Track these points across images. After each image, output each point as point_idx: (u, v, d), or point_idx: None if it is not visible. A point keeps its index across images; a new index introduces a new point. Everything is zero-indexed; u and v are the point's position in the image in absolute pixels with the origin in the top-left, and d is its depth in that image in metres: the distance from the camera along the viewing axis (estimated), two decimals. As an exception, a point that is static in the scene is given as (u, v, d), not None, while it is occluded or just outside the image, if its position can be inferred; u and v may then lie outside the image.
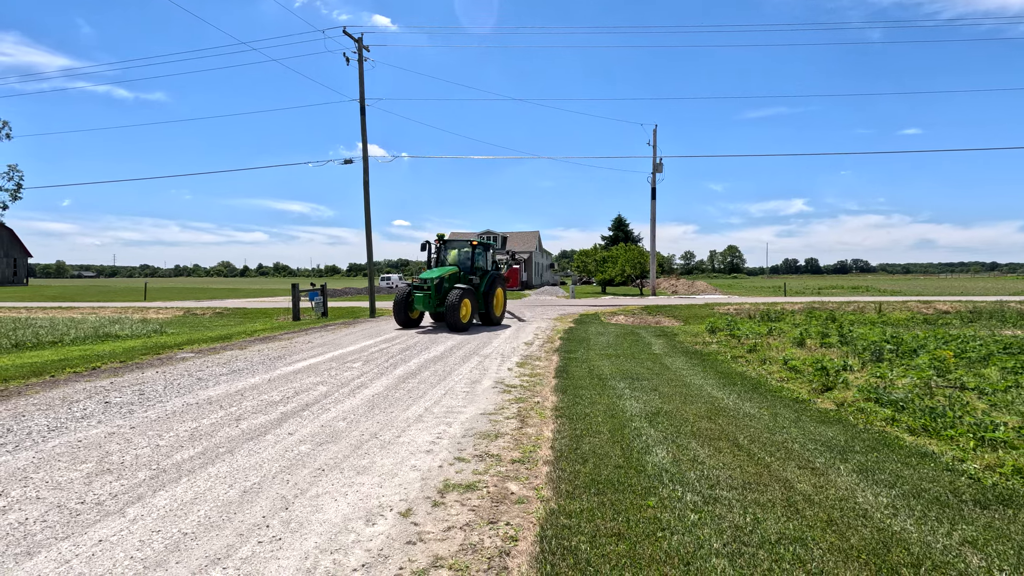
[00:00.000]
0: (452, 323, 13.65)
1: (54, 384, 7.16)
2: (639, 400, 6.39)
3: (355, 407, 6.15)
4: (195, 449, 4.62)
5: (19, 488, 3.75)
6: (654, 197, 37.13)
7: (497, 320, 15.91)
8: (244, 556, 2.89)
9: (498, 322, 15.90)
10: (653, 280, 38.74)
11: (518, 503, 3.61)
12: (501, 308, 16.23)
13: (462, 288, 14.24)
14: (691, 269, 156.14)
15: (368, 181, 26.75)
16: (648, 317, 18.93)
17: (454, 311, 13.59)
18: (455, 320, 13.61)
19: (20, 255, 64.85)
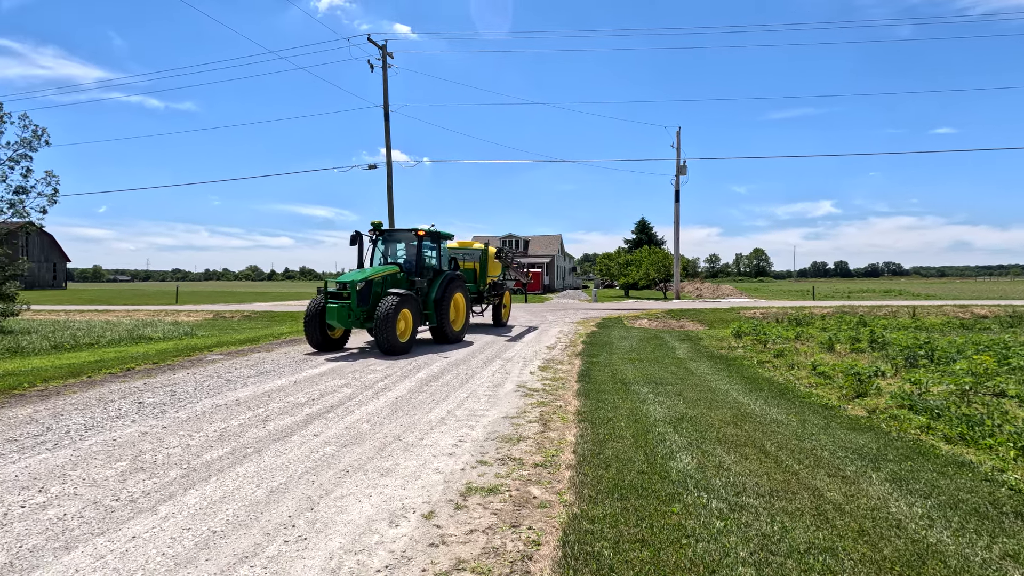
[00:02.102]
0: (383, 342, 10.14)
1: (91, 384, 7.40)
2: (663, 405, 6.31)
3: (379, 409, 6.22)
4: (224, 449, 4.72)
5: (58, 484, 3.88)
6: (678, 199, 36.74)
7: (454, 336, 12.31)
8: (271, 555, 2.94)
9: (456, 338, 12.40)
10: (677, 283, 38.30)
11: (540, 507, 3.60)
12: (462, 320, 12.73)
13: (398, 294, 10.58)
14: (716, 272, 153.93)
15: (392, 186, 27.08)
16: (672, 321, 18.72)
17: (386, 326, 10.04)
18: (387, 338, 10.09)
19: (59, 260, 67.28)
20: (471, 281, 15.61)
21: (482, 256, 15.99)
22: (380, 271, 11.37)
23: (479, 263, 15.89)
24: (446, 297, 12.02)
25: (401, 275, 11.80)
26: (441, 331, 12.00)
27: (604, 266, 51.49)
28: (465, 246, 16.36)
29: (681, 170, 36.18)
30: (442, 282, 12.15)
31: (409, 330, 10.75)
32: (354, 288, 10.65)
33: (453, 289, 12.29)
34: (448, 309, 12.07)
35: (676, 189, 36.53)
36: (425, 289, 12.02)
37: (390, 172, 26.99)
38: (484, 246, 16.37)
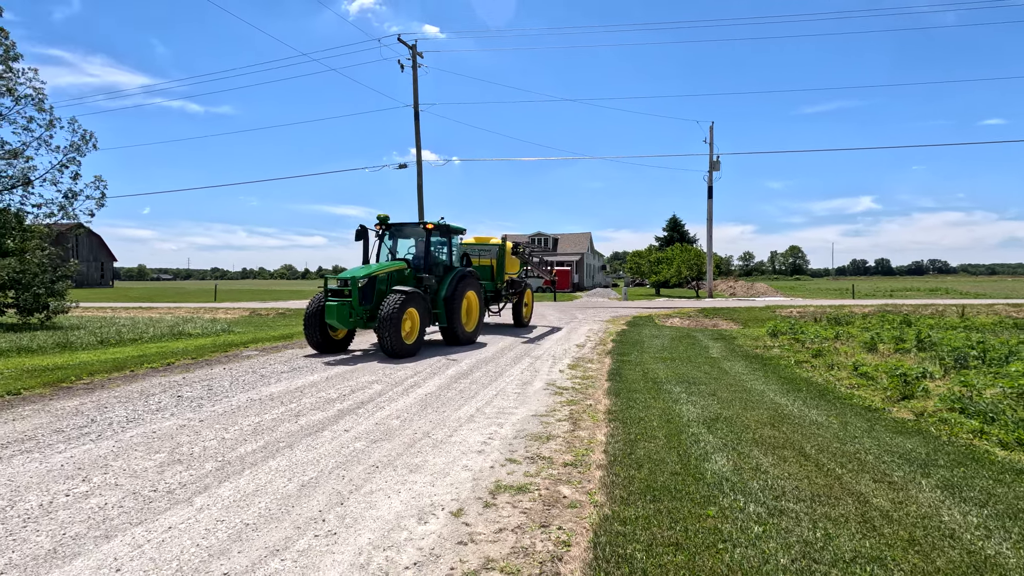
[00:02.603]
0: (386, 344, 9.31)
1: (133, 378, 7.65)
2: (696, 405, 6.15)
3: (408, 406, 6.24)
4: (257, 443, 4.80)
5: (100, 475, 3.99)
6: (711, 196, 36.01)
7: (466, 337, 11.43)
8: (301, 549, 2.96)
9: (468, 340, 11.52)
10: (710, 282, 37.57)
11: (570, 507, 3.53)
12: (475, 320, 11.87)
13: (403, 292, 9.78)
14: (750, 270, 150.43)
15: (422, 184, 27.29)
16: (705, 320, 18.33)
17: (389, 327, 9.24)
18: (391, 339, 9.26)
19: (107, 259, 70.19)
20: (488, 279, 14.84)
21: (499, 252, 15.12)
22: (385, 267, 10.61)
23: (496, 259, 15.04)
24: (457, 295, 11.16)
25: (408, 272, 10.98)
26: (452, 332, 11.17)
27: (634, 264, 50.85)
28: (482, 241, 15.59)
29: (714, 166, 35.45)
30: (453, 279, 11.34)
31: (416, 331, 9.91)
32: (355, 285, 9.82)
33: (465, 287, 11.45)
34: (459, 308, 11.22)
35: (709, 185, 35.81)
36: (434, 287, 11.22)
37: (420, 171, 27.21)
38: (501, 241, 15.39)
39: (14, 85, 17.02)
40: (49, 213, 17.84)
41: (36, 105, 17.50)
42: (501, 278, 14.95)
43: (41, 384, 7.01)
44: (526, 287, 16.00)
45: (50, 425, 5.27)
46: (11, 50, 16.97)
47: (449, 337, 11.36)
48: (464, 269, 11.91)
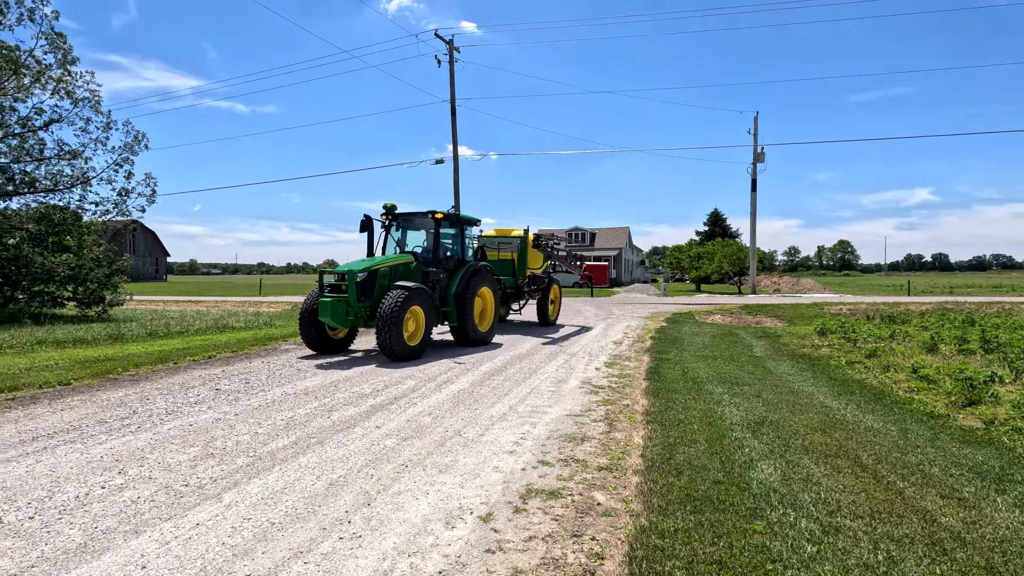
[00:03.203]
0: (386, 345, 8.48)
1: (175, 371, 7.85)
2: (740, 407, 5.84)
3: (441, 402, 6.15)
4: (289, 438, 4.79)
5: (136, 467, 4.04)
6: (754, 189, 34.82)
7: (479, 337, 10.52)
8: (325, 552, 2.88)
9: (481, 340, 10.62)
10: (753, 277, 36.39)
11: (605, 516, 3.34)
12: (489, 319, 11.02)
13: (406, 288, 8.93)
14: (795, 266, 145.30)
15: (458, 180, 27.34)
16: (748, 317, 17.69)
17: (389, 326, 8.37)
18: (391, 340, 8.42)
19: (160, 255, 73.53)
20: (508, 274, 13.89)
21: (520, 245, 14.04)
22: (388, 260, 9.75)
23: (517, 253, 14.02)
24: (468, 292, 10.29)
25: (415, 266, 10.16)
26: (462, 332, 10.34)
27: (674, 259, 49.79)
28: (503, 234, 14.57)
29: (758, 157, 34.25)
30: (464, 274, 10.48)
31: (420, 331, 9.10)
32: (353, 279, 8.97)
33: (478, 282, 10.58)
34: (471, 306, 10.34)
35: (753, 178, 34.62)
36: (444, 282, 10.43)
37: (456, 166, 27.25)
38: (523, 233, 14.19)
39: (72, 88, 17.82)
40: (105, 210, 18.63)
41: (93, 107, 18.27)
42: (523, 273, 14.07)
43: (90, 375, 7.26)
44: (552, 283, 15.07)
45: (94, 416, 5.41)
46: (68, 54, 17.76)
47: (460, 337, 10.53)
48: (477, 263, 11.08)
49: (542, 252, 14.99)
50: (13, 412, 5.52)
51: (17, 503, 3.41)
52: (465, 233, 11.49)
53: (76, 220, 17.99)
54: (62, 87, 17.71)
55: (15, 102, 17.16)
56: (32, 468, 3.99)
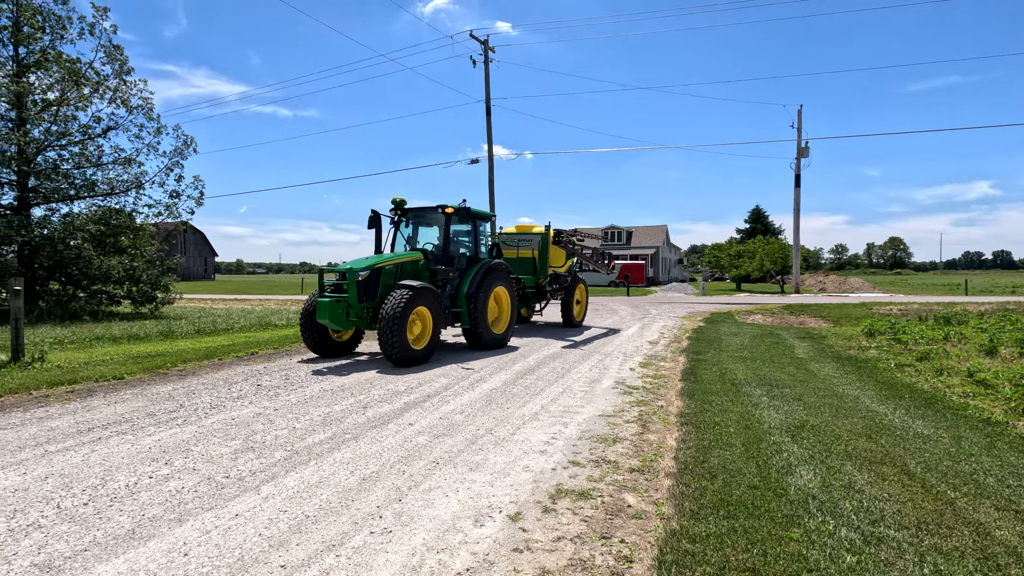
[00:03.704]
0: (388, 349, 7.93)
1: (220, 367, 8.16)
2: (779, 410, 5.66)
3: (473, 401, 6.19)
4: (325, 434, 4.91)
5: (181, 459, 4.22)
6: (798, 184, 33.70)
7: (493, 340, 9.95)
8: (356, 546, 2.94)
9: (496, 343, 10.03)
10: (797, 276, 35.23)
11: (635, 518, 3.29)
12: (505, 320, 10.47)
13: (411, 287, 8.34)
14: (842, 264, 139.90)
15: (493, 179, 27.45)
16: (790, 317, 17.13)
17: (392, 329, 7.83)
18: (393, 344, 7.87)
19: (209, 254, 76.61)
20: (529, 273, 13.37)
21: (541, 242, 13.44)
22: (394, 258, 9.18)
23: (538, 250, 13.41)
24: (482, 291, 9.71)
25: (423, 263, 9.60)
26: (475, 334, 9.77)
27: (713, 258, 48.69)
28: (523, 230, 13.99)
29: (802, 152, 33.14)
30: (477, 272, 9.90)
31: (427, 334, 8.52)
32: (353, 278, 8.41)
33: (492, 281, 9.99)
34: (484, 307, 9.75)
35: (796, 173, 33.53)
36: (456, 281, 9.88)
37: (491, 166, 27.36)
38: (544, 229, 13.57)
39: (127, 96, 18.75)
40: (157, 212, 19.54)
41: (145, 114, 19.18)
42: (544, 271, 13.46)
43: (142, 370, 7.63)
44: (577, 282, 14.40)
45: (144, 409, 5.68)
46: (124, 64, 18.69)
47: (473, 340, 9.94)
48: (491, 261, 10.46)
49: (564, 249, 14.24)
50: (72, 404, 5.86)
51: (73, 490, 3.61)
52: (479, 229, 10.84)
53: (131, 222, 18.92)
54: (118, 96, 18.65)
55: (76, 111, 18.18)
56: (87, 457, 4.22)
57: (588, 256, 15.48)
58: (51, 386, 6.54)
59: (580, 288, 14.55)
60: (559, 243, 13.97)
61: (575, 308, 14.19)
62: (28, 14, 16.83)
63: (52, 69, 17.37)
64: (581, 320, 14.62)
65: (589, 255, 15.57)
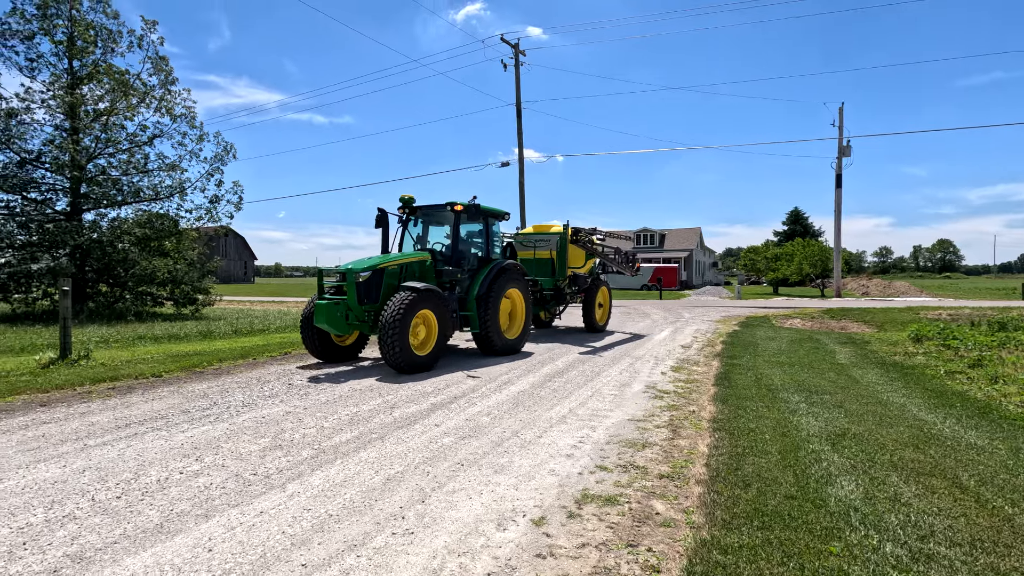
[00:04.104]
0: (391, 355, 7.47)
1: (254, 366, 8.33)
2: (818, 418, 5.42)
3: (500, 402, 6.14)
4: (352, 433, 4.93)
5: (211, 455, 4.29)
6: (839, 185, 32.59)
7: (505, 345, 9.46)
8: (377, 546, 2.91)
9: (508, 349, 9.55)
10: (838, 279, 34.05)
11: (663, 526, 3.17)
12: (519, 325, 9.98)
13: (414, 289, 7.86)
14: (887, 267, 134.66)
15: (523, 182, 27.44)
16: (831, 321, 16.52)
17: (392, 333, 7.37)
18: (393, 349, 7.42)
19: (249, 258, 78.97)
20: (547, 274, 12.75)
21: (559, 242, 12.70)
22: (398, 258, 8.67)
23: (556, 251, 12.72)
24: (493, 293, 9.19)
25: (430, 263, 9.12)
26: (485, 339, 9.25)
27: (749, 261, 47.54)
28: (541, 230, 13.35)
29: (843, 151, 32.04)
30: (488, 274, 9.36)
31: (433, 339, 8.04)
32: (353, 279, 7.95)
33: (504, 283, 9.44)
34: (496, 310, 9.22)
35: (837, 173, 32.43)
36: (466, 283, 9.42)
37: (522, 168, 27.36)
38: (563, 228, 12.78)
39: (172, 106, 19.48)
40: (198, 217, 20.22)
41: (188, 122, 19.89)
42: (563, 273, 12.75)
43: (179, 368, 7.85)
44: (599, 284, 13.70)
45: (179, 406, 5.82)
46: (169, 75, 19.44)
47: (484, 345, 9.41)
48: (504, 261, 9.88)
49: (583, 249, 13.43)
50: (112, 400, 6.05)
51: (108, 483, 3.70)
52: (492, 228, 10.16)
53: (174, 226, 19.62)
54: (163, 105, 19.39)
55: (125, 120, 18.98)
56: (123, 452, 4.33)
57: (610, 257, 14.65)
58: (94, 383, 6.79)
59: (603, 291, 13.95)
60: (577, 242, 13.22)
61: (597, 312, 13.56)
62: (81, 28, 17.68)
63: (103, 81, 18.19)
64: (604, 325, 13.96)
65: (611, 256, 14.76)
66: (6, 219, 17.70)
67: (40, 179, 18.14)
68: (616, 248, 15.17)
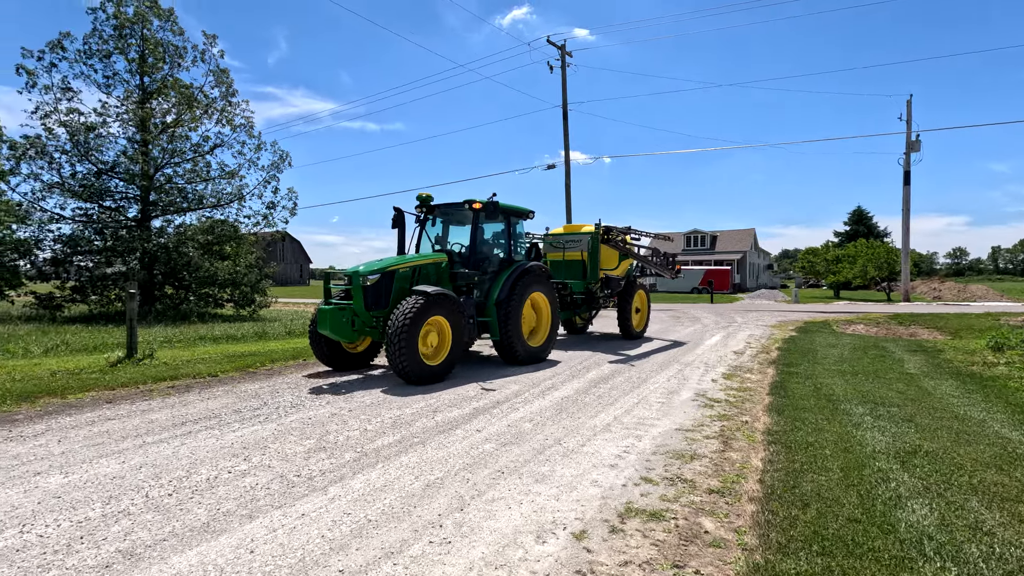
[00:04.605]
0: (398, 364, 6.96)
1: (304, 367, 8.55)
2: (886, 432, 5.03)
3: (543, 409, 6.03)
4: (394, 436, 4.95)
5: (258, 455, 4.39)
6: (907, 182, 30.70)
7: (529, 353, 8.89)
8: (414, 555, 2.87)
9: (532, 357, 8.97)
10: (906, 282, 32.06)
11: (712, 546, 2.99)
12: (545, 331, 9.40)
13: (425, 293, 7.35)
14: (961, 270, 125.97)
15: (570, 184, 27.22)
16: (899, 328, 15.51)
17: (399, 342, 6.87)
18: (400, 358, 6.90)
19: (304, 261, 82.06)
20: (577, 277, 12.07)
21: (590, 243, 12.00)
22: (412, 260, 8.14)
23: (587, 252, 12.03)
24: (515, 297, 8.62)
25: (445, 265, 8.54)
26: (507, 347, 8.65)
27: (807, 263, 45.44)
28: (572, 230, 12.74)
29: (912, 146, 30.16)
30: (510, 276, 8.80)
31: (445, 347, 7.51)
32: (359, 283, 7.47)
33: (527, 286, 8.88)
34: (517, 316, 8.63)
35: (905, 170, 30.56)
36: (486, 286, 8.88)
37: (568, 170, 27.16)
38: (594, 228, 12.13)
39: (232, 116, 20.44)
40: (256, 223, 21.11)
41: (247, 132, 20.82)
42: (595, 275, 12.02)
43: (234, 368, 8.15)
44: (635, 287, 12.85)
45: (232, 406, 6.02)
46: (230, 87, 20.41)
47: (506, 354, 8.79)
48: (527, 263, 9.30)
49: (615, 249, 12.56)
50: (171, 399, 6.33)
51: (161, 480, 3.84)
52: (515, 228, 9.57)
53: (234, 231, 20.55)
54: (224, 116, 20.37)
55: (189, 131, 20.05)
56: (177, 450, 4.50)
57: (646, 258, 13.81)
58: (156, 381, 7.14)
59: (640, 295, 13.14)
60: (608, 242, 12.35)
61: (634, 317, 12.73)
62: (152, 46, 18.81)
63: (170, 94, 19.29)
64: (642, 331, 13.13)
65: (648, 256, 13.95)
66: (85, 226, 19.02)
67: (114, 188, 19.42)
68: (654, 249, 14.41)
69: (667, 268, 14.31)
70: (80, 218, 19.03)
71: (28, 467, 4.08)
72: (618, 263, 12.80)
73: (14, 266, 18.25)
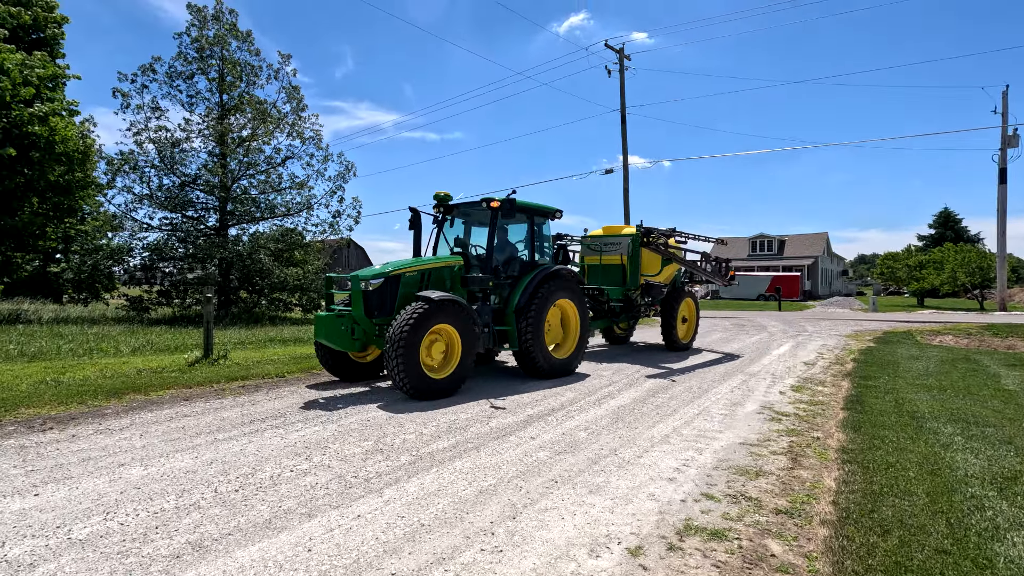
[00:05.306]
0: (397, 378, 6.38)
1: (365, 370, 8.79)
2: (979, 455, 4.58)
3: (598, 417, 5.91)
4: (449, 441, 4.98)
5: (319, 455, 4.53)
6: (1003, 181, 28.18)
7: (553, 366, 8.12)
8: (464, 562, 2.85)
9: (558, 370, 8.22)
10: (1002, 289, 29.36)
11: (779, 571, 2.80)
12: (573, 341, 8.61)
13: (430, 300, 6.66)
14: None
15: (628, 188, 26.78)
16: (993, 339, 14.19)
17: (398, 353, 6.27)
18: (404, 372, 6.31)
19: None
20: (616, 283, 11.20)
21: (631, 246, 11.12)
22: (421, 263, 7.55)
23: (628, 255, 11.17)
24: (536, 304, 7.87)
25: (459, 268, 7.85)
26: (528, 358, 7.93)
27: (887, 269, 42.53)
28: (611, 232, 11.81)
29: (1009, 141, 27.70)
30: (532, 281, 8.06)
31: (453, 359, 6.87)
32: (359, 287, 6.91)
33: (550, 292, 8.09)
34: (539, 324, 7.87)
35: (1001, 167, 28.07)
36: (505, 292, 8.15)
37: (626, 175, 26.74)
38: (635, 230, 11.30)
39: (302, 130, 21.51)
40: (322, 231, 22.06)
41: (315, 144, 21.84)
42: (635, 281, 11.17)
43: (300, 370, 8.49)
44: (682, 295, 11.86)
45: (296, 406, 6.26)
46: (300, 102, 21.49)
47: (527, 366, 8.06)
48: (551, 266, 8.51)
49: (657, 253, 11.42)
50: (241, 398, 6.67)
51: (229, 476, 4.02)
52: (540, 228, 8.77)
53: (302, 239, 21.56)
54: (295, 130, 21.45)
55: (263, 145, 21.25)
56: (245, 447, 4.71)
57: (693, 263, 12.58)
58: (228, 381, 7.54)
59: (687, 303, 12.07)
60: (648, 245, 11.25)
61: (680, 328, 11.77)
62: (230, 66, 20.11)
63: (246, 111, 20.54)
64: (689, 342, 12.12)
65: (697, 262, 12.72)
66: (169, 235, 20.50)
67: (196, 199, 20.84)
68: (704, 253, 13.08)
69: (719, 275, 13.18)
70: (166, 227, 20.54)
71: (113, 458, 4.39)
72: (660, 268, 11.81)
73: (110, 272, 19.92)
